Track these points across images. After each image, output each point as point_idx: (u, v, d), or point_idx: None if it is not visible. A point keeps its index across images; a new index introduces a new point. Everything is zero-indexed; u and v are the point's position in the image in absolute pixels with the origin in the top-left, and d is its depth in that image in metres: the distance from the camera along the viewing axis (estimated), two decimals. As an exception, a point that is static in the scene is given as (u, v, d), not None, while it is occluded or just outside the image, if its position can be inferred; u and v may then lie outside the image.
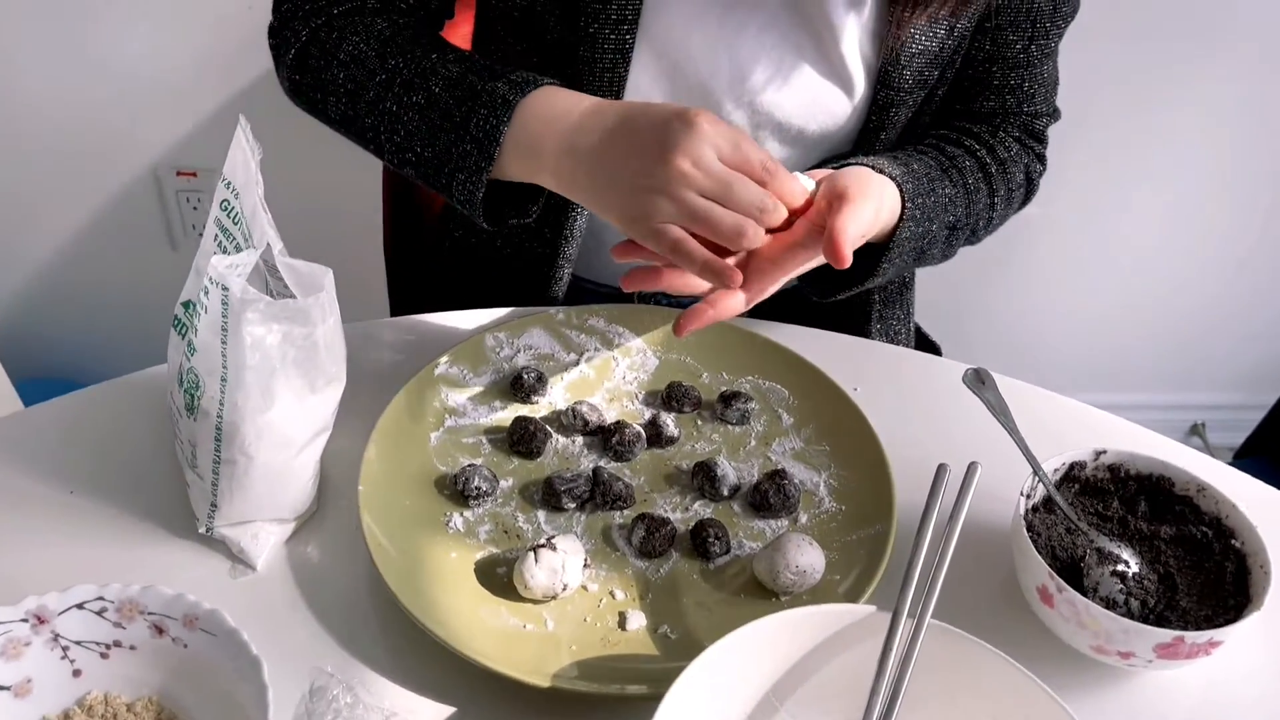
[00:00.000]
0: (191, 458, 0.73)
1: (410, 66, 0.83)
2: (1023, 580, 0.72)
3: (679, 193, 0.69)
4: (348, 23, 0.87)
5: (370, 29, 0.86)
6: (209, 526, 0.75)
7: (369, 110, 0.84)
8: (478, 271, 1.08)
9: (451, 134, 0.79)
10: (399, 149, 0.83)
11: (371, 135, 0.85)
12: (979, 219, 0.95)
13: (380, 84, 0.83)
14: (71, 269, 1.82)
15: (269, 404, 0.69)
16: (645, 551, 0.75)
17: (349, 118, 0.87)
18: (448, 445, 0.81)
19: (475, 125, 0.78)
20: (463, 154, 0.79)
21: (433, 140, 0.81)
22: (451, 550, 0.74)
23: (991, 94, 0.97)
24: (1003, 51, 0.95)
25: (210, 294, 0.66)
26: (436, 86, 0.81)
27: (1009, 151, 0.98)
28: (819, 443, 0.83)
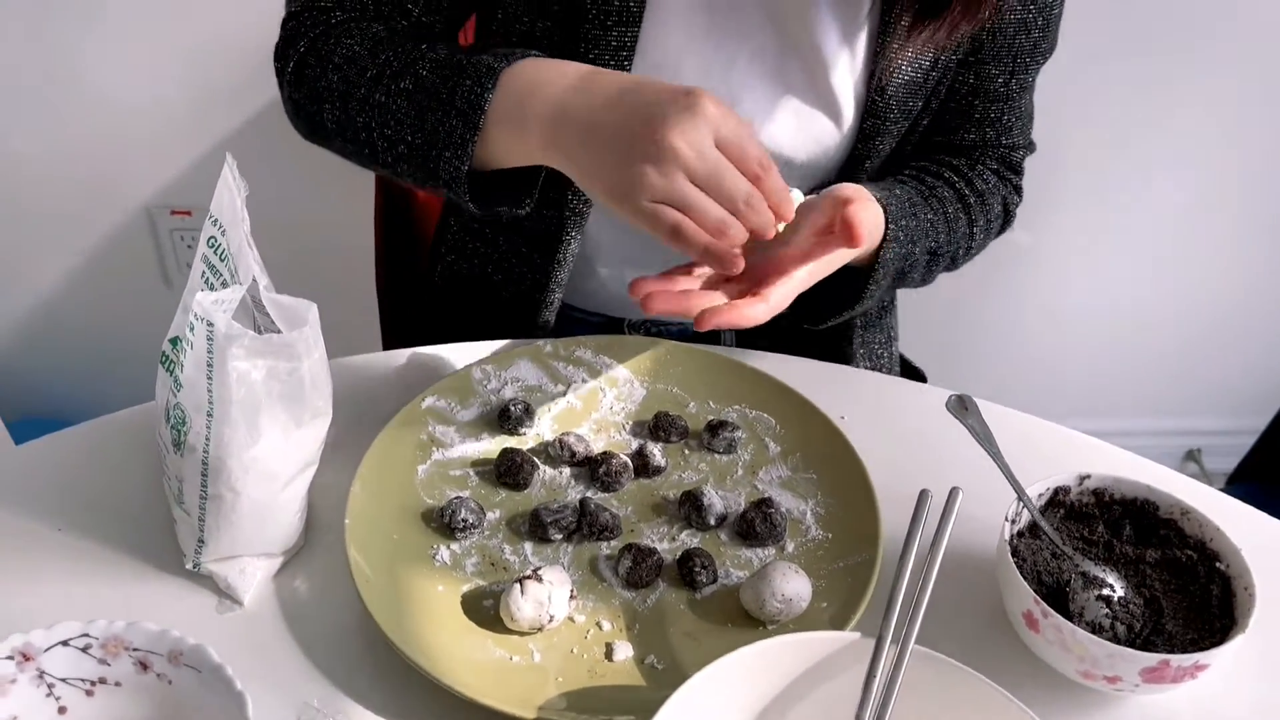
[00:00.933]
0: (178, 494, 0.74)
1: (400, 58, 0.81)
2: (1009, 606, 0.72)
3: (669, 170, 0.68)
4: (345, 29, 0.87)
5: (365, 32, 0.86)
6: (196, 562, 0.75)
7: (360, 108, 0.82)
8: (469, 300, 1.08)
9: (438, 111, 0.77)
10: (391, 144, 0.81)
11: (365, 136, 0.83)
12: (958, 246, 0.96)
13: (371, 79, 0.82)
14: (66, 308, 1.82)
15: (255, 439, 0.70)
16: (632, 582, 0.75)
17: (343, 122, 0.85)
18: (434, 478, 0.81)
19: (460, 97, 0.76)
20: (449, 130, 0.76)
21: (420, 123, 0.78)
22: (438, 583, 0.74)
23: (972, 126, 0.99)
24: (985, 85, 0.96)
25: (196, 330, 0.67)
26: (424, 69, 0.79)
27: (987, 184, 0.99)
28: (806, 471, 0.84)
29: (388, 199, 1.26)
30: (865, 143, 0.93)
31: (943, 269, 0.96)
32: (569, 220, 0.96)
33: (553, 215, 0.97)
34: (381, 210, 1.26)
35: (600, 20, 0.85)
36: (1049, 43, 0.97)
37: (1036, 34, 0.95)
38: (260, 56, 0.94)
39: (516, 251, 1.02)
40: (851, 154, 0.95)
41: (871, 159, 0.95)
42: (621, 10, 0.85)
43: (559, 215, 0.96)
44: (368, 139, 0.83)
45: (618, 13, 0.85)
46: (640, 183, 0.69)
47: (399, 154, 0.81)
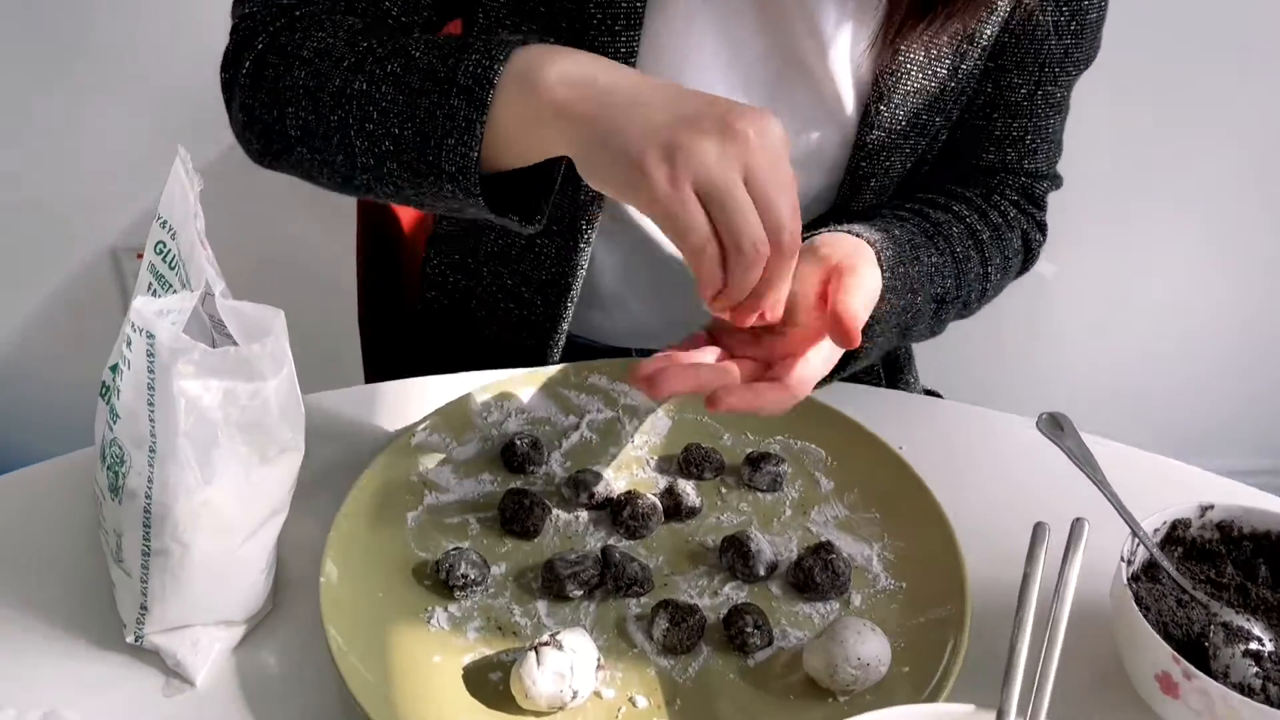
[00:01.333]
0: (116, 550, 0.61)
1: (385, 44, 0.69)
2: (1132, 665, 0.59)
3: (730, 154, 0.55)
4: (313, 21, 0.74)
5: (339, 23, 0.73)
6: (138, 634, 0.61)
7: (335, 102, 0.69)
8: (454, 336, 0.97)
9: (434, 93, 0.64)
10: (373, 141, 0.68)
11: (339, 137, 0.69)
12: (970, 290, 0.84)
13: (349, 67, 0.69)
14: (27, 351, 1.72)
15: (208, 478, 0.57)
16: (669, 647, 0.62)
17: (310, 125, 0.71)
18: (428, 526, 0.69)
19: (464, 72, 0.63)
20: (449, 112, 0.63)
21: (412, 110, 0.65)
22: (434, 653, 0.61)
23: (991, 145, 0.88)
24: (1006, 96, 0.85)
25: (133, 344, 0.54)
26: (417, 50, 0.67)
27: (1004, 216, 0.87)
28: (867, 510, 0.71)
29: (369, 228, 1.14)
30: (870, 159, 0.82)
31: (954, 316, 0.84)
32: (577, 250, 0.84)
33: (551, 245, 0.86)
34: (363, 240, 1.15)
35: (608, 25, 0.75)
36: (1083, 52, 0.85)
37: (1068, 40, 0.84)
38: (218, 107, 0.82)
39: (503, 286, 0.90)
40: (855, 170, 0.83)
41: (878, 177, 0.84)
42: (629, 13, 0.75)
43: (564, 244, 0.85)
44: (342, 141, 0.69)
45: (625, 16, 0.74)
46: (693, 151, 0.55)
47: (383, 151, 0.68)
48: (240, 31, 0.79)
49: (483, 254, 0.91)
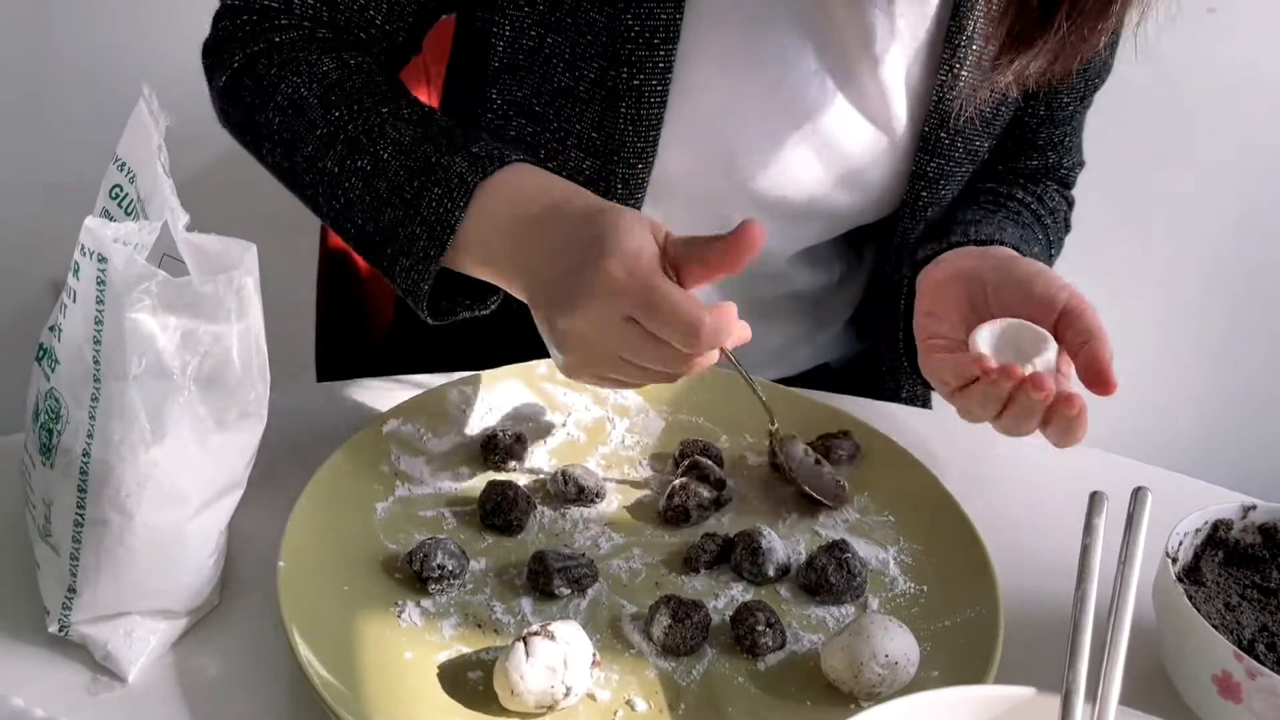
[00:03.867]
0: (45, 523, 0.53)
1: (356, 122, 0.69)
2: (1182, 668, 0.54)
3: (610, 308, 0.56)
4: (289, 58, 0.72)
5: (314, 70, 0.72)
6: (63, 622, 0.53)
7: (306, 167, 0.70)
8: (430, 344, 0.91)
9: (399, 210, 0.65)
10: (339, 215, 0.69)
11: (310, 194, 0.71)
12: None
13: (321, 139, 0.69)
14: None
15: (158, 437, 0.50)
16: (671, 647, 0.55)
17: (284, 170, 0.73)
18: (399, 518, 0.62)
19: (426, 205, 0.64)
20: (409, 236, 0.64)
21: (376, 214, 0.67)
22: (406, 649, 0.54)
23: (1036, 153, 0.88)
24: (1055, 114, 0.85)
25: (82, 271, 0.48)
26: (384, 151, 0.67)
27: (1052, 200, 0.88)
28: (880, 513, 0.66)
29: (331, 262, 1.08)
30: (929, 188, 0.79)
31: None
32: None
33: None
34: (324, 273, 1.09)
35: (645, 39, 0.70)
36: (1110, 64, 0.86)
37: (1105, 53, 0.84)
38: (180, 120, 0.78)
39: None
40: (909, 199, 0.80)
41: (933, 206, 0.81)
42: (667, 26, 0.71)
43: None
44: (311, 198, 0.72)
45: (664, 29, 0.71)
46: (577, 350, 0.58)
47: (344, 229, 0.70)
48: (219, 30, 0.77)
49: None
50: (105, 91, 1.43)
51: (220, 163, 1.49)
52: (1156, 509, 0.55)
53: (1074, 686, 0.42)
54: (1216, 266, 1.74)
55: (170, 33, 1.41)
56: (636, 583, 0.60)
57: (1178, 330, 1.80)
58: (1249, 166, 1.66)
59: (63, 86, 1.44)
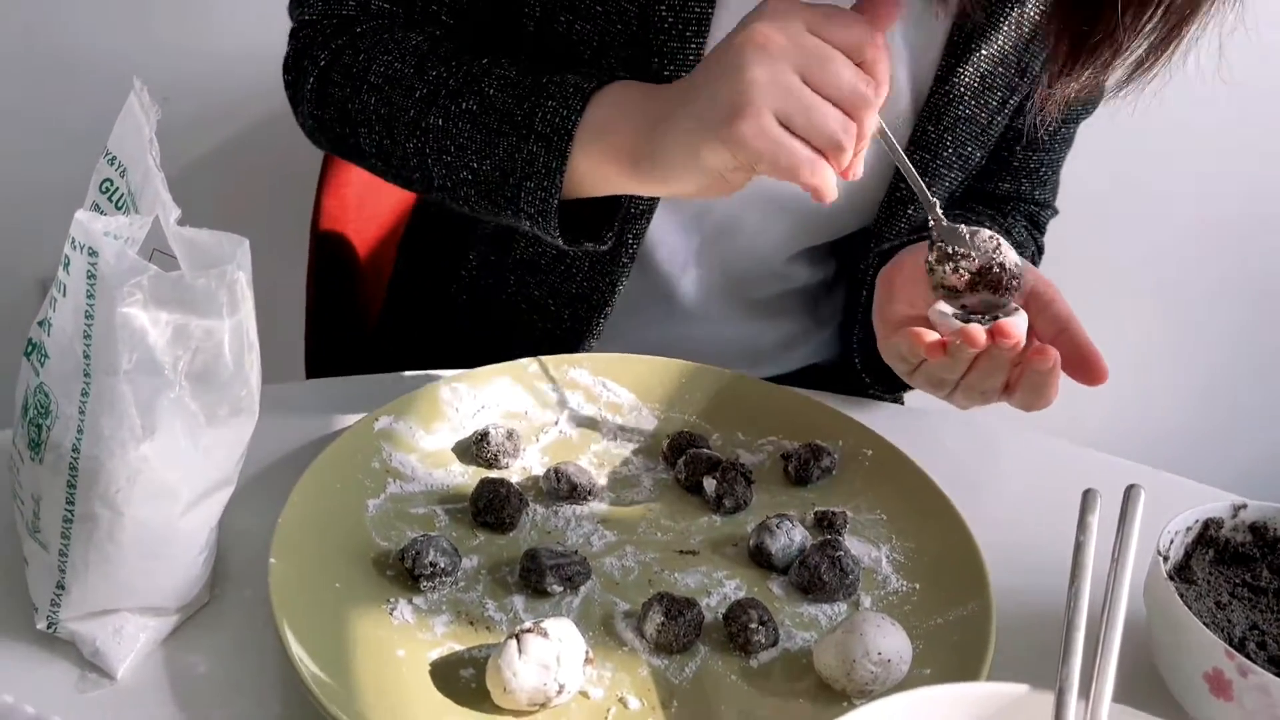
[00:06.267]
0: (33, 519, 0.53)
1: (456, 75, 0.69)
2: (1173, 666, 0.54)
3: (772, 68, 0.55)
4: (376, 40, 0.73)
5: (404, 44, 0.72)
6: (52, 618, 0.53)
7: (409, 132, 0.70)
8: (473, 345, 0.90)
9: (513, 136, 0.65)
10: (449, 170, 0.69)
11: (416, 163, 0.71)
12: None
13: (422, 99, 0.69)
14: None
15: (149, 432, 0.50)
16: (664, 645, 0.55)
17: (386, 149, 0.72)
18: (390, 516, 0.61)
19: (541, 119, 0.64)
20: (528, 157, 0.65)
21: (490, 148, 0.67)
22: (398, 646, 0.54)
23: (1009, 175, 0.86)
24: (1033, 131, 0.84)
25: (72, 265, 0.48)
26: (491, 88, 0.67)
27: (1020, 235, 0.87)
28: (872, 511, 0.66)
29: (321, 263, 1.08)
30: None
31: None
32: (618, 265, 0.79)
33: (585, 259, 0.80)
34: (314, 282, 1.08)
35: (679, 31, 0.70)
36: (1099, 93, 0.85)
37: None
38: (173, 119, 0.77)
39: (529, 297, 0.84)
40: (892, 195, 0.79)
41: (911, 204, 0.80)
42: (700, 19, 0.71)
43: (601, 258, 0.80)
44: (419, 165, 0.71)
45: (696, 21, 0.71)
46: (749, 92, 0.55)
47: (460, 180, 0.69)
48: (299, 39, 0.77)
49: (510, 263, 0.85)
50: (94, 86, 1.42)
51: (211, 157, 1.49)
52: (1148, 508, 0.55)
53: (1067, 684, 0.42)
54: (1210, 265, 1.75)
55: (161, 25, 1.41)
56: (629, 580, 0.60)
57: (1168, 329, 1.81)
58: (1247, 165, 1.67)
59: (51, 82, 1.43)
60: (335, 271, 1.08)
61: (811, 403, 0.72)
